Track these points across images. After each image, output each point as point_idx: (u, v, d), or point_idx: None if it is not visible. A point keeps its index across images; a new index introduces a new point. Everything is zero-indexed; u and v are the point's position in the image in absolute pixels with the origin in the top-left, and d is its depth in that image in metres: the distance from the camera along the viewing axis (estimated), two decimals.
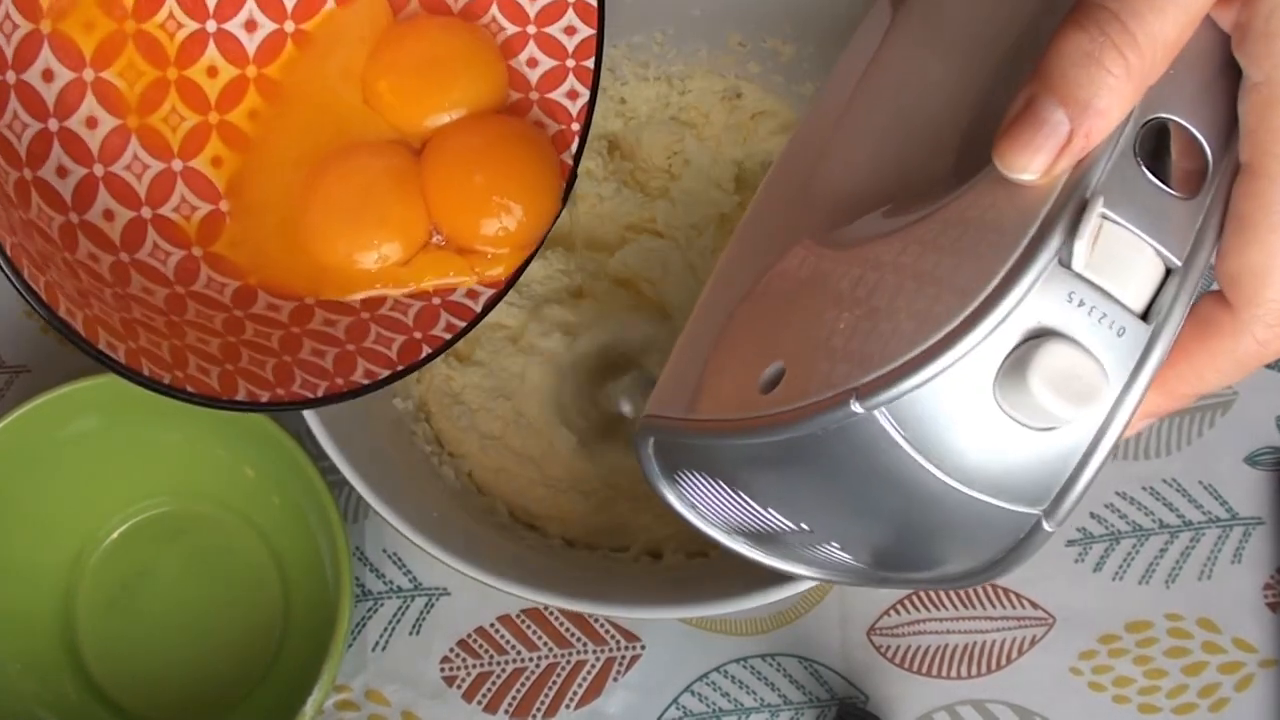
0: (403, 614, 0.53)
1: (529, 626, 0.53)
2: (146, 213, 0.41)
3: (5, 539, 0.51)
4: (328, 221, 0.42)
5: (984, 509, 0.29)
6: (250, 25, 0.42)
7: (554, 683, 0.53)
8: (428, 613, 0.53)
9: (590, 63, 0.43)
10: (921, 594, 0.53)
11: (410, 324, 0.41)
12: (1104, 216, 0.28)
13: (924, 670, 0.53)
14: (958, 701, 0.53)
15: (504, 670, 0.53)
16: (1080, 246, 0.27)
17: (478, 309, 0.41)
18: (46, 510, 0.52)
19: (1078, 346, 0.27)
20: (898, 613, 0.53)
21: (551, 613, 0.53)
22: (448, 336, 0.41)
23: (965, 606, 0.53)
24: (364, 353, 0.40)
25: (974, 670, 0.53)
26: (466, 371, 0.52)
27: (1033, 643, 0.53)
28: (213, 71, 0.42)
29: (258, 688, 0.52)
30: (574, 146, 0.42)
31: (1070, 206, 0.27)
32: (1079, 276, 0.27)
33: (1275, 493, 0.54)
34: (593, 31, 0.43)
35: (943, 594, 0.53)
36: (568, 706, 0.53)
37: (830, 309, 0.31)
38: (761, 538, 0.34)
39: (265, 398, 0.38)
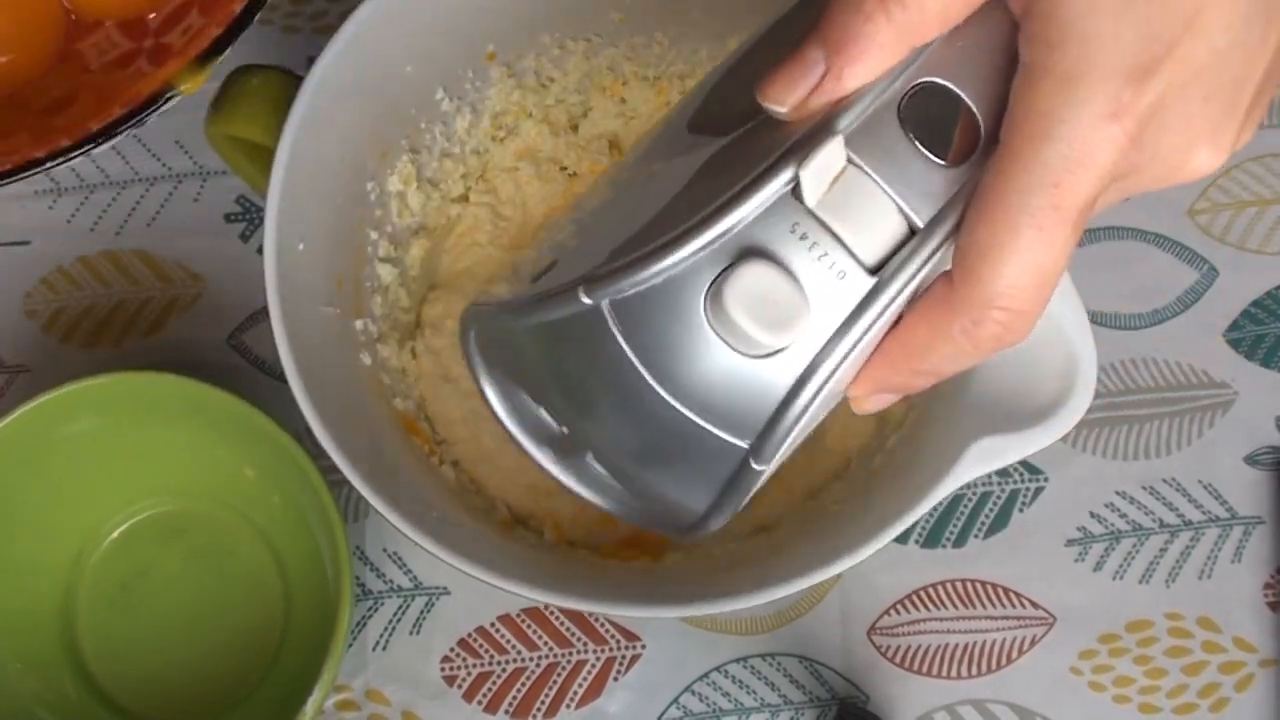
0: (403, 613, 0.53)
1: (529, 626, 0.53)
2: None
3: (5, 538, 0.51)
4: None
5: (696, 431, 0.29)
6: None
7: (554, 682, 0.53)
8: (428, 612, 0.53)
9: None
10: (922, 594, 0.53)
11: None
12: (851, 162, 0.28)
13: (924, 670, 0.53)
14: (958, 701, 0.53)
15: (504, 670, 0.53)
16: (809, 178, 0.27)
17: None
18: (46, 510, 0.52)
19: (780, 271, 0.27)
20: (898, 612, 0.53)
21: (552, 612, 0.53)
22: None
23: (965, 606, 0.53)
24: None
25: (974, 670, 0.53)
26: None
27: (1033, 643, 0.53)
28: None
29: (258, 688, 0.52)
30: None
31: (811, 141, 0.28)
32: (811, 214, 0.28)
33: (1275, 493, 0.54)
34: None
35: (943, 594, 0.53)
36: (568, 706, 0.53)
37: (607, 213, 0.32)
38: (553, 447, 0.35)
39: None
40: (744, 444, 0.30)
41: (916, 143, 0.28)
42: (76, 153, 0.40)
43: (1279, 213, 0.57)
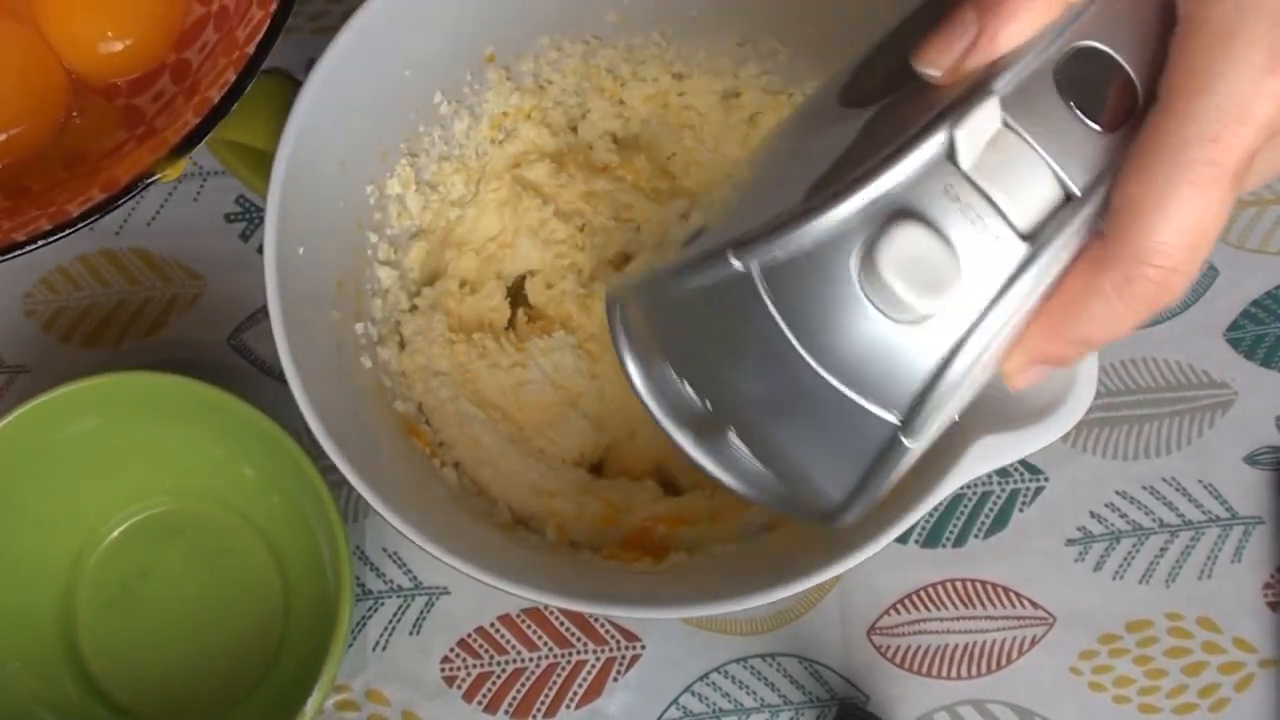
0: (403, 614, 0.53)
1: (529, 626, 0.53)
2: None
3: (5, 539, 0.51)
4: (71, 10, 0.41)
5: (845, 404, 0.29)
6: None
7: (554, 683, 0.53)
8: (428, 612, 0.53)
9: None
10: (922, 594, 0.53)
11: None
12: (1007, 125, 0.27)
13: (924, 670, 0.53)
14: (958, 701, 0.53)
15: (504, 670, 0.53)
16: (964, 139, 0.27)
17: (76, 213, 0.39)
18: (46, 510, 0.52)
19: (933, 233, 0.27)
20: (898, 612, 0.53)
21: (552, 613, 0.53)
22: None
23: (965, 606, 0.53)
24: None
25: (974, 670, 0.53)
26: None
27: (1033, 643, 0.53)
28: None
29: (258, 688, 0.52)
30: (263, 32, 0.40)
31: (965, 103, 0.27)
32: (965, 176, 0.27)
33: (1275, 492, 0.54)
34: None
35: (943, 594, 0.53)
36: (568, 706, 0.53)
37: (759, 182, 0.31)
38: (694, 428, 0.34)
39: None
40: (895, 418, 0.29)
41: (1073, 107, 0.28)
42: (55, 237, 0.39)
43: (1279, 213, 0.57)
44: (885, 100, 0.30)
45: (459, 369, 0.52)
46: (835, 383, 0.28)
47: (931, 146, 0.27)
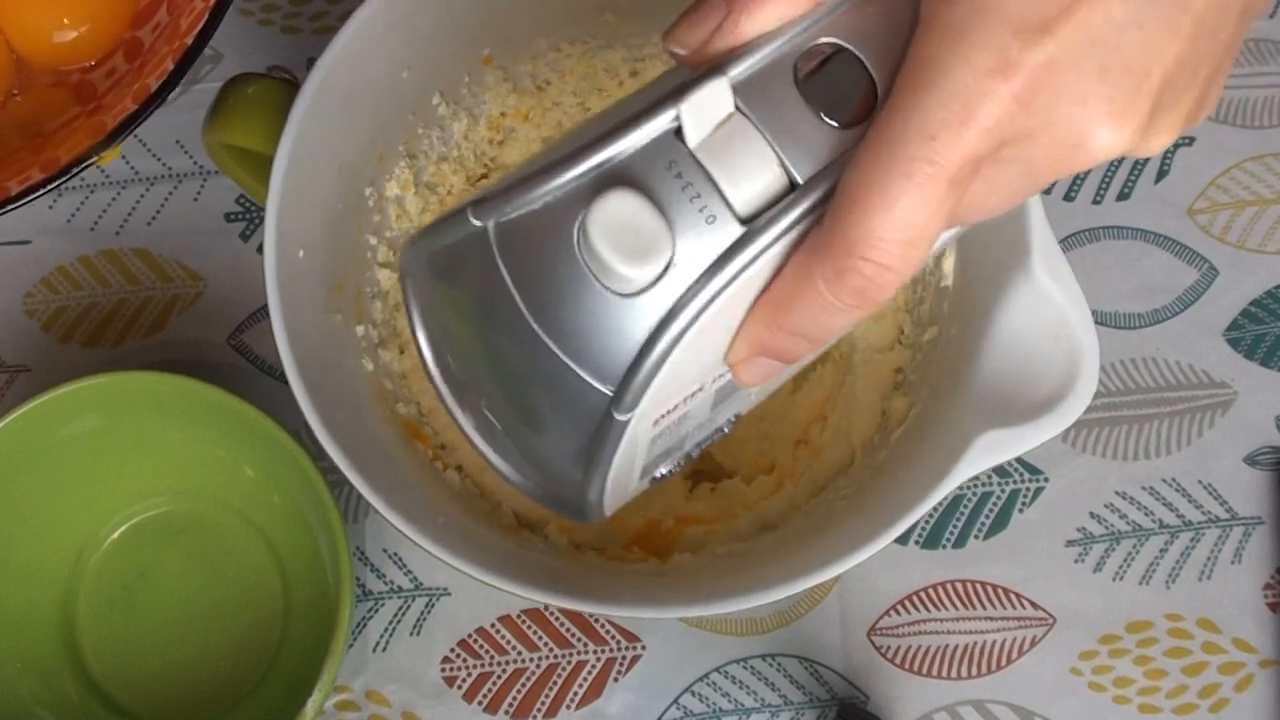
0: (403, 614, 0.53)
1: (529, 627, 0.53)
2: None
3: (5, 539, 0.51)
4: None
5: (569, 374, 0.29)
6: None
7: (554, 683, 0.53)
8: (428, 613, 0.53)
9: None
10: (922, 594, 0.53)
11: None
12: (739, 110, 0.28)
13: (924, 670, 0.53)
14: (958, 702, 0.53)
15: (504, 670, 0.53)
16: (689, 116, 0.27)
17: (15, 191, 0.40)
18: (47, 510, 0.52)
19: (646, 202, 0.27)
20: (898, 613, 0.53)
21: (552, 613, 0.53)
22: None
23: (965, 607, 0.53)
24: None
25: (974, 670, 0.53)
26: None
27: (1033, 643, 0.53)
28: None
29: (258, 688, 0.52)
30: (202, 22, 0.40)
31: (697, 80, 0.28)
32: (690, 155, 0.28)
33: (1275, 493, 0.54)
34: None
35: (943, 594, 0.53)
36: (568, 707, 0.53)
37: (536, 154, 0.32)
38: (463, 401, 0.34)
39: None
40: (609, 390, 0.29)
41: (808, 101, 0.28)
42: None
43: (1279, 213, 0.57)
44: (645, 90, 0.31)
45: None
46: (557, 350, 0.29)
47: (660, 122, 0.28)
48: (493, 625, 0.53)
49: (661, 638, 0.53)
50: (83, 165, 0.39)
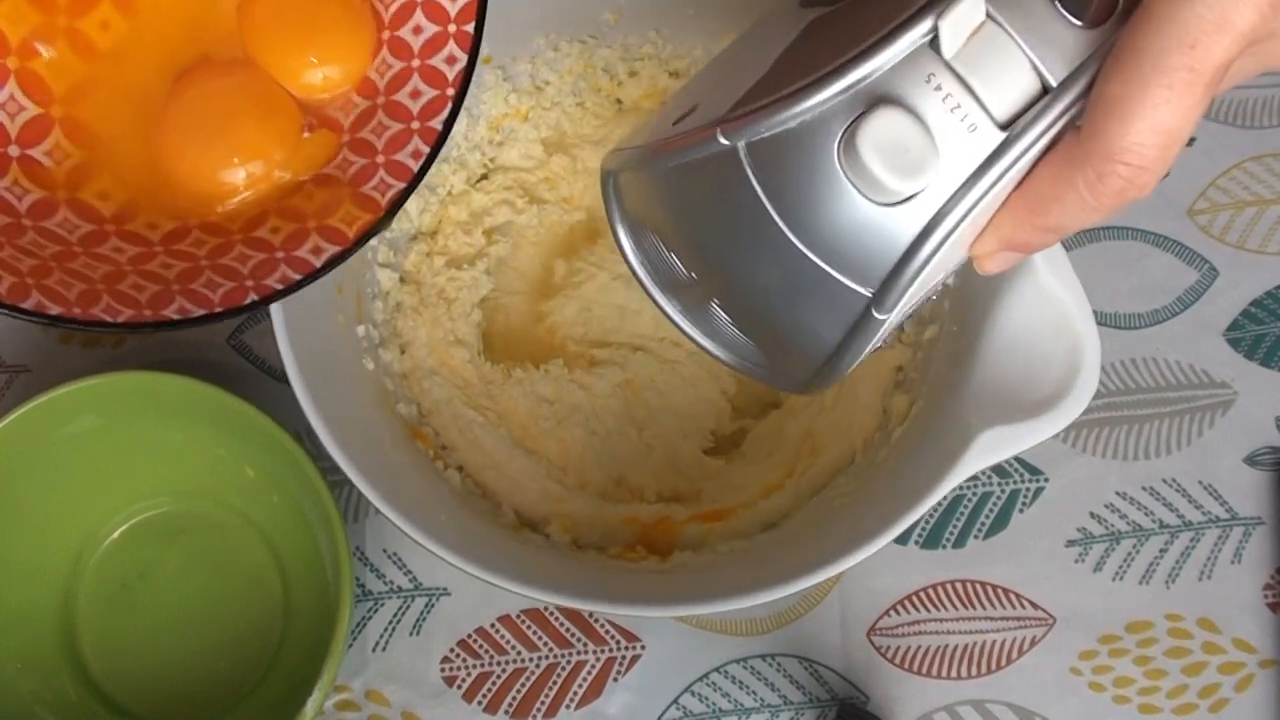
0: (403, 614, 0.53)
1: (529, 627, 0.53)
2: None
3: (5, 539, 0.51)
4: (188, 140, 0.42)
5: (821, 277, 0.30)
6: None
7: (554, 683, 0.53)
8: (428, 613, 0.53)
9: (470, 27, 0.42)
10: (922, 594, 0.53)
11: (246, 273, 0.41)
12: (990, 17, 0.28)
13: (924, 670, 0.53)
14: (958, 701, 0.53)
15: (504, 670, 0.53)
16: (947, 29, 0.28)
17: (318, 264, 0.41)
18: (46, 510, 0.52)
19: (914, 119, 0.28)
20: (898, 613, 0.53)
21: (552, 613, 0.53)
22: (279, 287, 0.40)
23: (965, 607, 0.53)
24: (186, 292, 0.40)
25: (974, 670, 0.53)
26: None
27: (1033, 643, 0.53)
28: None
29: (258, 688, 0.52)
30: (446, 112, 0.42)
31: None
32: (947, 66, 0.28)
33: (1275, 493, 0.54)
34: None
35: (943, 594, 0.53)
36: (568, 707, 0.53)
37: (743, 67, 0.32)
38: (680, 297, 0.36)
39: (54, 311, 0.38)
40: (868, 292, 0.30)
41: (1056, 3, 0.29)
42: (312, 279, 0.41)
43: (1279, 213, 0.57)
44: None
45: (448, 368, 0.52)
46: (814, 257, 0.30)
47: (915, 35, 0.28)
48: (492, 625, 0.53)
49: (661, 638, 0.53)
50: (369, 238, 0.41)
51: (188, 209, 0.43)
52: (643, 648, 0.53)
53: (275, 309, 0.42)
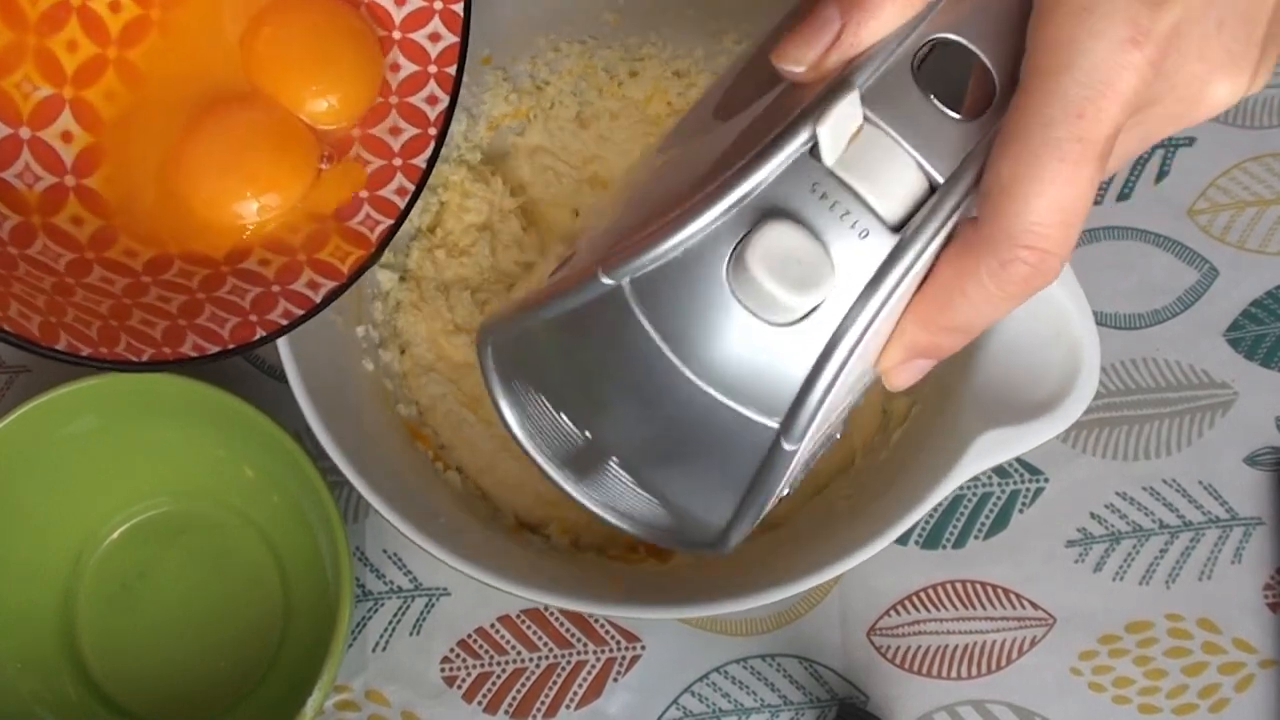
0: (403, 614, 0.53)
1: (529, 627, 0.53)
2: None
3: (5, 539, 0.51)
4: (207, 173, 0.42)
5: (724, 412, 0.28)
6: (115, 6, 0.43)
7: (554, 683, 0.53)
8: (428, 613, 0.53)
9: (452, 69, 0.42)
10: (922, 595, 0.53)
11: (247, 308, 0.41)
12: (868, 120, 0.27)
13: (924, 670, 0.53)
14: (958, 702, 0.53)
15: (504, 670, 0.53)
16: (827, 136, 0.27)
17: (317, 299, 0.41)
18: (46, 510, 0.52)
19: (803, 230, 0.27)
20: (898, 613, 0.53)
21: (552, 613, 0.53)
22: (283, 323, 0.41)
23: (965, 607, 0.53)
24: (194, 328, 0.40)
25: (974, 670, 0.53)
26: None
27: (1033, 643, 0.53)
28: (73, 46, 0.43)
29: (258, 688, 0.52)
30: (429, 151, 0.42)
31: (827, 99, 0.27)
32: (830, 173, 0.27)
33: (1275, 493, 0.54)
34: (456, 39, 0.43)
35: (943, 595, 0.53)
36: (568, 707, 0.53)
37: (625, 202, 0.31)
38: (574, 464, 0.34)
39: (85, 352, 0.38)
40: (774, 423, 0.29)
41: (932, 98, 0.28)
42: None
43: (1279, 213, 0.57)
44: (751, 107, 0.30)
45: (446, 362, 0.52)
46: (713, 392, 0.28)
47: (795, 145, 0.27)
48: (492, 625, 0.53)
49: (661, 638, 0.53)
50: (361, 274, 0.42)
51: (205, 243, 0.43)
52: (643, 648, 0.53)
53: None
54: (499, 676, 0.53)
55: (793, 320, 0.28)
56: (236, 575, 0.53)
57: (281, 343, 0.42)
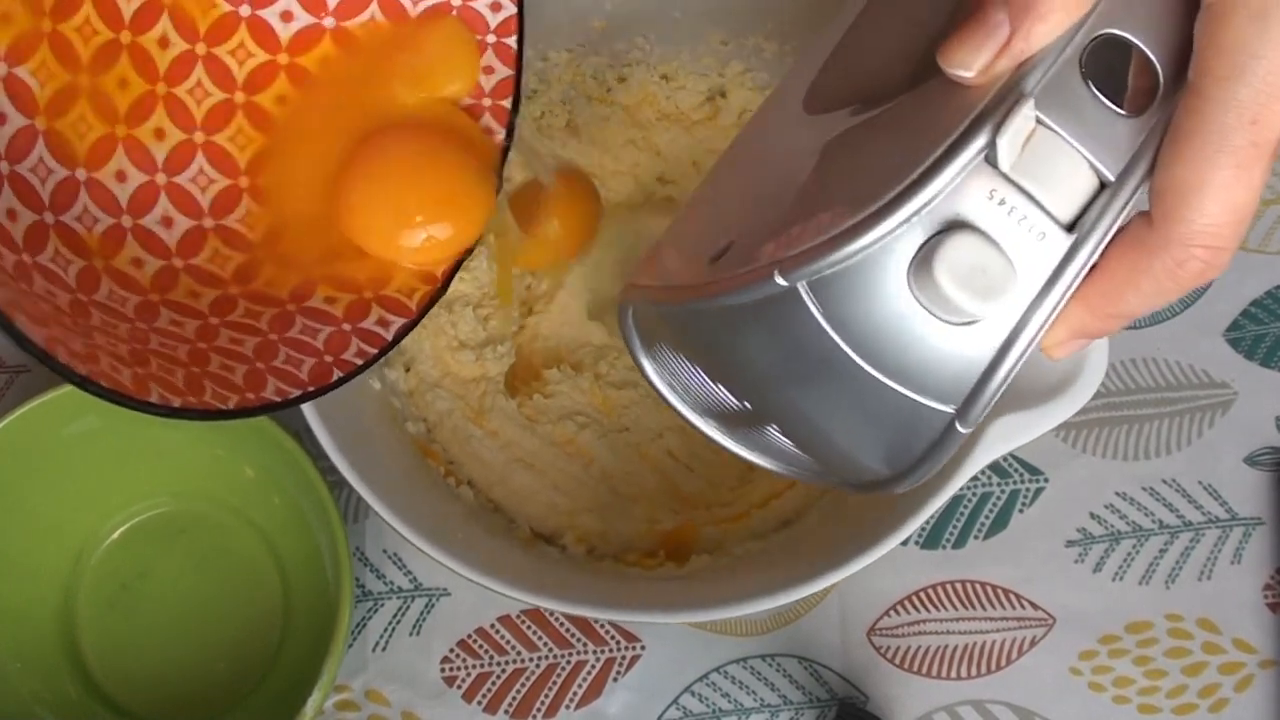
0: (403, 614, 0.53)
1: (529, 627, 0.53)
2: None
3: (6, 538, 0.51)
4: (373, 200, 0.41)
5: (899, 400, 0.29)
6: (286, 16, 0.43)
7: (554, 683, 0.53)
8: (428, 613, 0.53)
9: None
10: (921, 595, 0.53)
11: (321, 348, 0.41)
12: (1040, 122, 0.28)
13: (924, 670, 0.53)
14: (958, 702, 0.53)
15: (504, 671, 0.53)
16: (1005, 144, 0.27)
17: (389, 337, 0.41)
18: (47, 510, 0.52)
19: (987, 240, 0.28)
20: (898, 613, 0.53)
21: (552, 613, 0.53)
22: (359, 362, 0.40)
23: (965, 607, 0.53)
24: (273, 371, 0.40)
25: (974, 670, 0.53)
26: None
27: (1033, 643, 0.53)
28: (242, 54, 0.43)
29: (258, 688, 0.52)
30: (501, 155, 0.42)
31: (1003, 105, 0.28)
32: (1005, 177, 0.28)
33: (1275, 493, 0.54)
34: (514, 48, 0.42)
35: (943, 595, 0.53)
36: (568, 707, 0.53)
37: (782, 193, 0.32)
38: (723, 419, 0.35)
39: (176, 403, 0.38)
40: (950, 409, 0.30)
41: (1100, 96, 0.29)
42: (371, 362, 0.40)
43: (1279, 213, 0.57)
44: (899, 99, 0.31)
45: (451, 378, 0.52)
46: (891, 383, 0.29)
47: (971, 153, 0.28)
48: (492, 625, 0.53)
49: (661, 638, 0.53)
50: (429, 309, 0.41)
51: (366, 279, 0.42)
52: (643, 648, 0.53)
53: None
54: (499, 676, 0.53)
55: (975, 320, 0.29)
56: (236, 575, 0.53)
57: None
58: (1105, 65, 0.29)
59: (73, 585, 0.53)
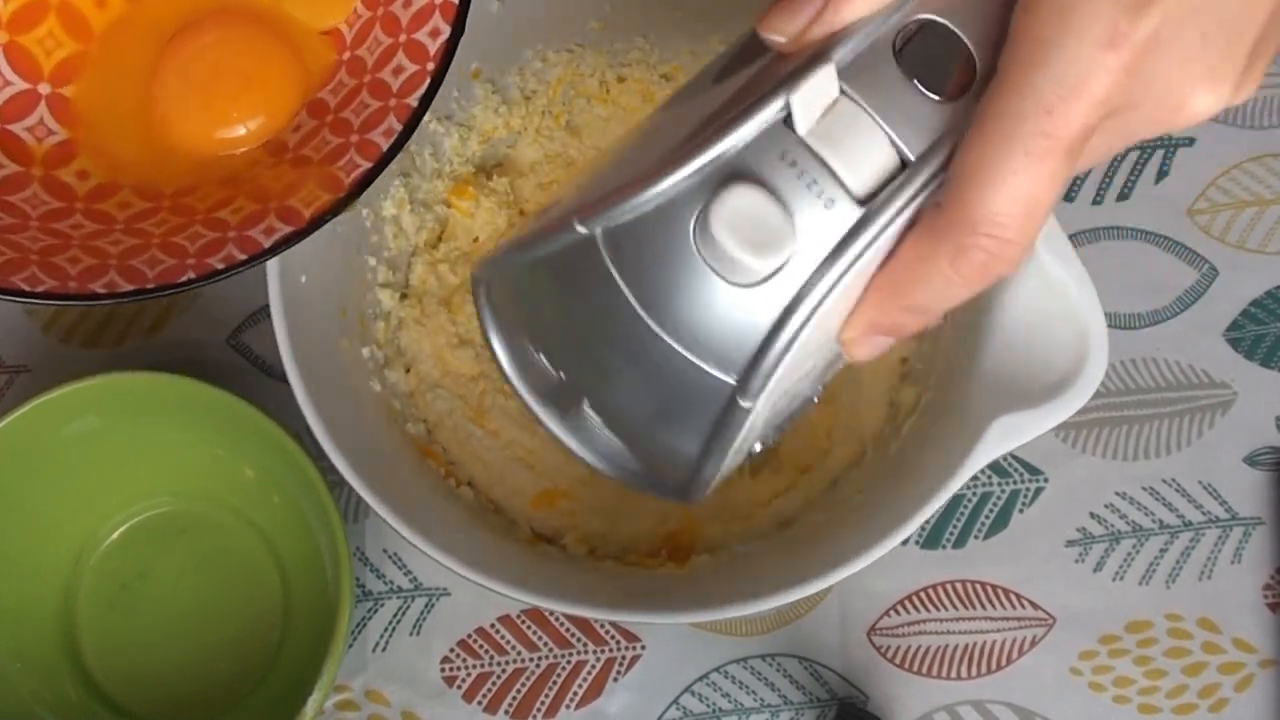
0: (403, 614, 0.53)
1: (529, 627, 0.53)
2: None
3: (5, 539, 0.51)
4: (187, 96, 0.41)
5: (685, 366, 0.29)
6: None
7: (554, 683, 0.53)
8: (428, 613, 0.53)
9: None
10: (922, 594, 0.53)
11: (191, 250, 0.39)
12: (845, 94, 0.28)
13: (924, 670, 0.53)
14: (958, 701, 0.53)
15: (504, 670, 0.53)
16: (800, 105, 0.27)
17: (267, 244, 0.39)
18: (47, 510, 0.52)
19: (769, 195, 0.28)
20: (898, 613, 0.53)
21: (552, 613, 0.53)
22: (221, 267, 0.39)
23: (965, 607, 0.53)
24: (121, 268, 0.39)
25: (974, 670, 0.53)
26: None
27: (1033, 643, 0.53)
28: None
29: (258, 688, 0.52)
30: (423, 88, 0.40)
31: (804, 70, 0.28)
32: (802, 142, 0.28)
33: (1275, 493, 0.54)
34: None
35: (943, 595, 0.53)
36: (568, 707, 0.53)
37: (611, 162, 0.32)
38: (550, 398, 0.35)
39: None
40: (732, 379, 0.29)
41: (911, 78, 0.28)
42: (243, 268, 0.39)
43: (1279, 213, 0.57)
44: (738, 75, 0.31)
45: (451, 376, 0.52)
46: (675, 345, 0.29)
47: (769, 113, 0.28)
48: (492, 625, 0.53)
49: (661, 638, 0.53)
50: (327, 219, 0.39)
51: (185, 175, 0.41)
52: (643, 648, 0.53)
53: (276, 309, 0.42)
54: (499, 676, 0.53)
55: (755, 282, 0.28)
56: (236, 575, 0.53)
57: (282, 343, 0.42)
58: (933, 53, 0.29)
59: (73, 585, 0.53)
